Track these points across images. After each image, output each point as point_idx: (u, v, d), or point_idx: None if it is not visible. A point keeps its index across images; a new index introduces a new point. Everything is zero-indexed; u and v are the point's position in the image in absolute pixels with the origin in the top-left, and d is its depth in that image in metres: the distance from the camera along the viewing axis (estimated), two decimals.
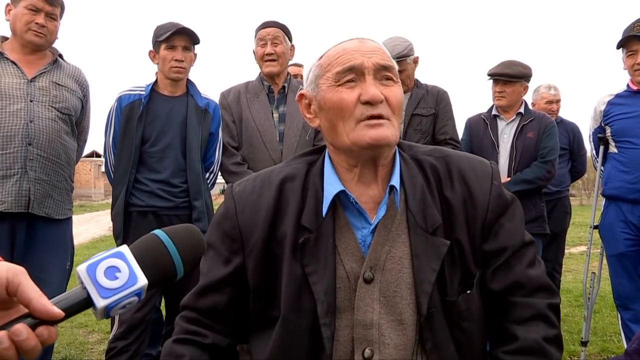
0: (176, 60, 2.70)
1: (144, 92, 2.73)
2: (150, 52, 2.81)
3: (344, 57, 1.09)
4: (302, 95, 1.19)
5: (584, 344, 3.16)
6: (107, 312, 0.65)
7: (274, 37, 2.85)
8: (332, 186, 1.12)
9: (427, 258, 1.08)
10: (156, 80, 2.81)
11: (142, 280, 0.67)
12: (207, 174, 2.88)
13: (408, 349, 1.07)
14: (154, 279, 0.69)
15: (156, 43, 2.76)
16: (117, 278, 0.65)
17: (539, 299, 1.12)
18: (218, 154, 2.87)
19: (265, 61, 2.86)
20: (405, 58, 2.97)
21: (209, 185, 2.92)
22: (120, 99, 2.74)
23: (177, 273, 0.72)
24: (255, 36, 2.92)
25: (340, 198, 1.12)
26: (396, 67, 1.14)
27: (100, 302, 0.64)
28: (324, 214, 1.10)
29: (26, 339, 0.60)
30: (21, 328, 0.60)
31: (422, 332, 1.07)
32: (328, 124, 1.12)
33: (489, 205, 1.14)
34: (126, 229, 2.68)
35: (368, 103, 1.06)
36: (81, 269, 0.65)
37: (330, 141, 1.15)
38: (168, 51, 2.72)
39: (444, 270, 1.09)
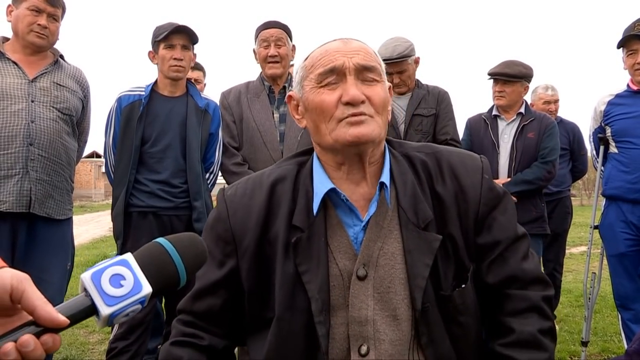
0: (175, 59, 2.70)
1: (143, 93, 2.73)
2: (149, 52, 2.81)
3: (325, 58, 1.11)
4: (290, 97, 1.21)
5: (584, 344, 3.17)
6: (110, 320, 0.66)
7: (278, 38, 2.83)
8: (322, 184, 1.13)
9: (419, 253, 1.09)
10: (156, 81, 2.81)
11: (147, 288, 0.67)
12: (207, 175, 2.88)
13: (404, 344, 1.08)
14: (158, 287, 0.69)
15: (155, 43, 2.76)
16: (122, 286, 0.65)
17: (534, 292, 1.13)
18: (218, 154, 2.87)
19: (269, 63, 2.83)
20: (406, 58, 2.96)
21: (209, 186, 2.92)
22: (120, 100, 2.74)
23: (180, 282, 0.72)
24: (257, 36, 2.88)
25: (331, 196, 1.13)
26: (380, 66, 1.14)
27: (105, 310, 0.64)
28: (314, 212, 1.11)
29: (33, 350, 0.60)
30: (29, 339, 0.60)
31: (417, 327, 1.08)
32: (312, 125, 1.14)
33: (480, 199, 1.15)
34: (126, 229, 2.68)
35: (349, 104, 1.07)
36: (85, 276, 0.65)
37: (316, 141, 1.17)
38: (167, 50, 2.71)
39: (438, 265, 1.10)
